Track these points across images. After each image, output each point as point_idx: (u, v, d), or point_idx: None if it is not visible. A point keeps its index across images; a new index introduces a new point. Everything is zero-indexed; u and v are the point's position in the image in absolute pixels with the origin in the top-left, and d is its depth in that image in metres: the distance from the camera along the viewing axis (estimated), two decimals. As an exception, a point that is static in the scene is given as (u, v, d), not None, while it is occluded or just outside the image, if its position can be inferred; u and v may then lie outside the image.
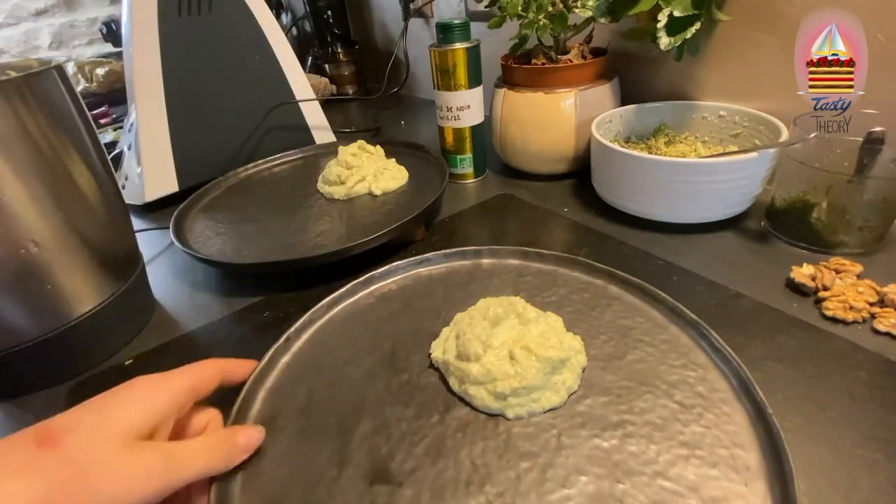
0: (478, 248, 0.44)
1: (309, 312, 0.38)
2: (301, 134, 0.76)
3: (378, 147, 0.62)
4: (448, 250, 0.44)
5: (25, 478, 0.20)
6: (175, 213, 0.54)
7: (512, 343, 0.31)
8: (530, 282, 0.41)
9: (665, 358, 0.32)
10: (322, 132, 0.78)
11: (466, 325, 0.33)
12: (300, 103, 0.75)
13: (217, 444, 0.26)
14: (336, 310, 0.40)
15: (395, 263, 0.43)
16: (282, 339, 0.35)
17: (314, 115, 0.77)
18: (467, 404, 0.31)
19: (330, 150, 0.71)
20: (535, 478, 0.26)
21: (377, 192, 0.57)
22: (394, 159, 0.61)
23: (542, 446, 0.28)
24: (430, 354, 0.34)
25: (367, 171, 0.58)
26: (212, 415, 0.28)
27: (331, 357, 0.35)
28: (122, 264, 0.42)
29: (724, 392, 0.30)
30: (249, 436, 0.28)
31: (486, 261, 0.44)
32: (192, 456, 0.24)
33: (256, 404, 0.32)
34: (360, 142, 0.61)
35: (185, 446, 0.24)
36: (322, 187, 0.59)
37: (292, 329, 0.36)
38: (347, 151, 0.59)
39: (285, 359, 0.35)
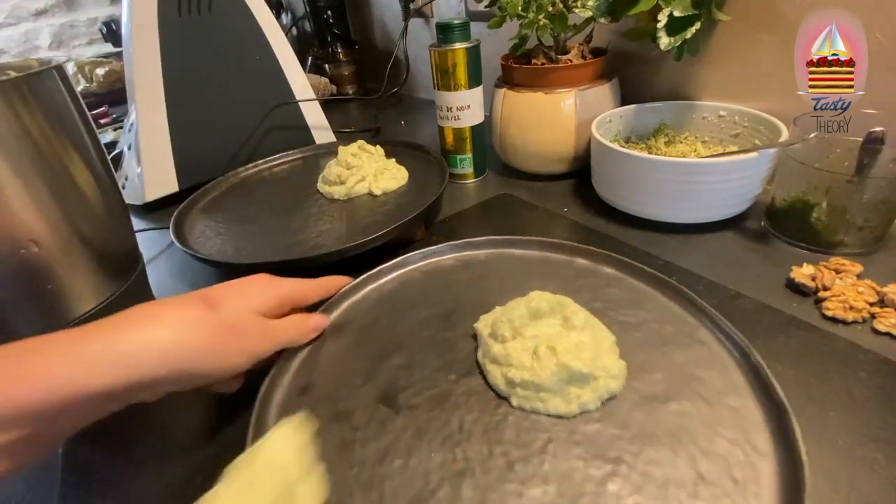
0: (576, 246, 0.43)
1: (402, 257, 0.44)
2: (301, 134, 0.76)
3: (378, 147, 0.62)
4: (547, 239, 0.44)
5: (202, 323, 0.28)
6: (175, 213, 0.54)
7: (542, 339, 0.31)
8: (614, 294, 0.38)
9: (717, 424, 0.28)
10: (322, 132, 0.78)
11: (509, 309, 0.34)
12: (300, 103, 0.75)
13: (298, 323, 0.35)
14: (424, 262, 0.44)
15: (492, 237, 0.45)
16: (374, 270, 0.42)
17: (314, 115, 0.77)
18: (483, 377, 0.33)
19: (330, 150, 0.71)
20: (502, 463, 0.27)
21: (377, 192, 0.57)
22: (394, 159, 0.61)
23: (526, 443, 0.28)
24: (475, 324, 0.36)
25: (367, 171, 0.58)
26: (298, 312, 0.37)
27: (403, 297, 0.41)
28: (122, 264, 0.42)
29: (766, 489, 0.25)
30: (317, 320, 0.37)
31: (580, 260, 0.42)
32: (285, 329, 0.34)
33: (337, 311, 0.40)
34: (360, 142, 0.61)
35: (280, 323, 0.34)
36: (322, 187, 0.59)
37: (386, 265, 0.43)
38: (347, 151, 0.59)
39: (370, 287, 0.42)
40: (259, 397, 0.32)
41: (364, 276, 0.42)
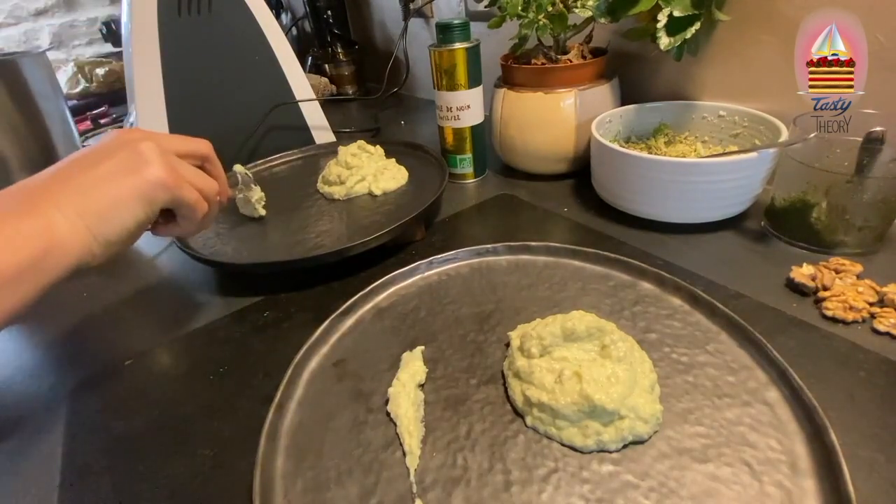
0: (645, 268, 0.40)
1: (455, 251, 0.44)
2: (301, 134, 0.76)
3: (378, 147, 0.62)
4: (614, 255, 0.41)
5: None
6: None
7: (571, 363, 0.30)
8: (676, 328, 0.35)
9: (762, 500, 0.25)
10: (322, 132, 0.78)
11: (543, 325, 0.32)
12: (301, 105, 0.75)
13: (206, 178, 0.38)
14: (476, 259, 0.44)
15: (554, 244, 0.44)
16: (426, 260, 0.43)
17: (314, 115, 0.77)
18: (505, 389, 0.32)
19: (330, 150, 0.71)
20: (500, 481, 0.27)
21: (377, 192, 0.57)
22: (394, 159, 0.61)
23: (530, 466, 0.27)
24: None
25: (367, 171, 0.58)
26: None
27: (447, 291, 0.41)
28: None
29: None
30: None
31: (645, 284, 0.39)
32: (193, 174, 0.37)
33: (384, 294, 0.41)
34: (360, 142, 0.61)
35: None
36: (322, 187, 0.59)
37: (438, 256, 0.43)
38: (347, 151, 0.59)
39: (418, 276, 0.43)
40: (295, 361, 0.34)
41: (415, 264, 0.43)
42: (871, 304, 0.36)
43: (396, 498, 0.26)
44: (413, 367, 0.33)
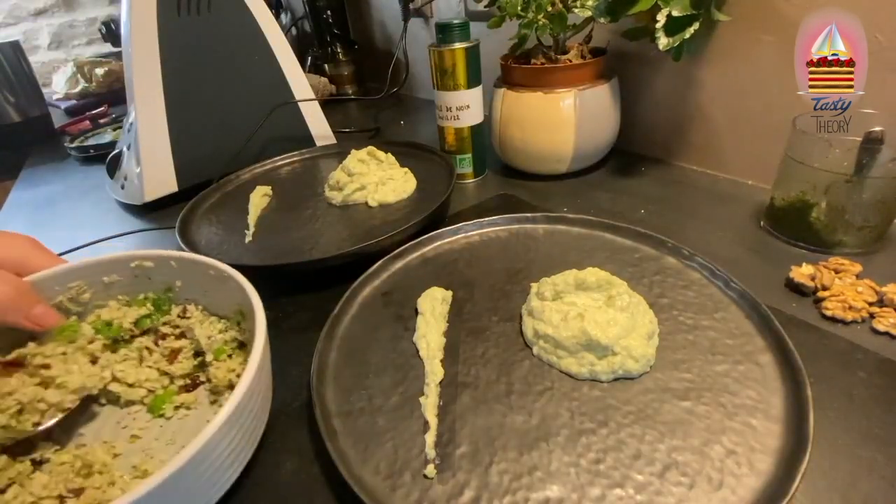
0: (673, 245, 0.42)
1: (495, 217, 0.49)
2: (300, 135, 0.76)
3: (389, 155, 0.60)
4: (643, 230, 0.44)
5: None
6: (180, 215, 0.54)
7: (579, 307, 0.34)
8: (689, 297, 0.38)
9: (725, 433, 0.27)
10: (322, 133, 0.78)
11: (561, 276, 0.37)
12: (300, 104, 0.75)
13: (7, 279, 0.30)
14: (516, 226, 0.49)
15: (588, 217, 0.47)
16: (470, 222, 0.48)
17: (314, 116, 0.77)
18: (520, 326, 0.37)
19: (329, 152, 0.71)
20: (502, 390, 0.32)
21: (373, 203, 0.55)
22: (407, 169, 0.60)
23: (530, 382, 0.32)
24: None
25: (370, 181, 0.56)
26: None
27: (484, 250, 0.46)
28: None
29: None
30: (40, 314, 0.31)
31: (670, 259, 0.42)
32: None
33: (430, 246, 0.46)
34: (371, 147, 0.60)
35: None
36: (325, 190, 0.59)
37: (480, 220, 0.49)
38: (355, 157, 0.58)
39: (461, 234, 0.48)
40: (352, 287, 0.40)
41: (460, 224, 0.48)
42: (871, 304, 0.36)
43: (418, 389, 0.32)
44: (434, 298, 0.39)
